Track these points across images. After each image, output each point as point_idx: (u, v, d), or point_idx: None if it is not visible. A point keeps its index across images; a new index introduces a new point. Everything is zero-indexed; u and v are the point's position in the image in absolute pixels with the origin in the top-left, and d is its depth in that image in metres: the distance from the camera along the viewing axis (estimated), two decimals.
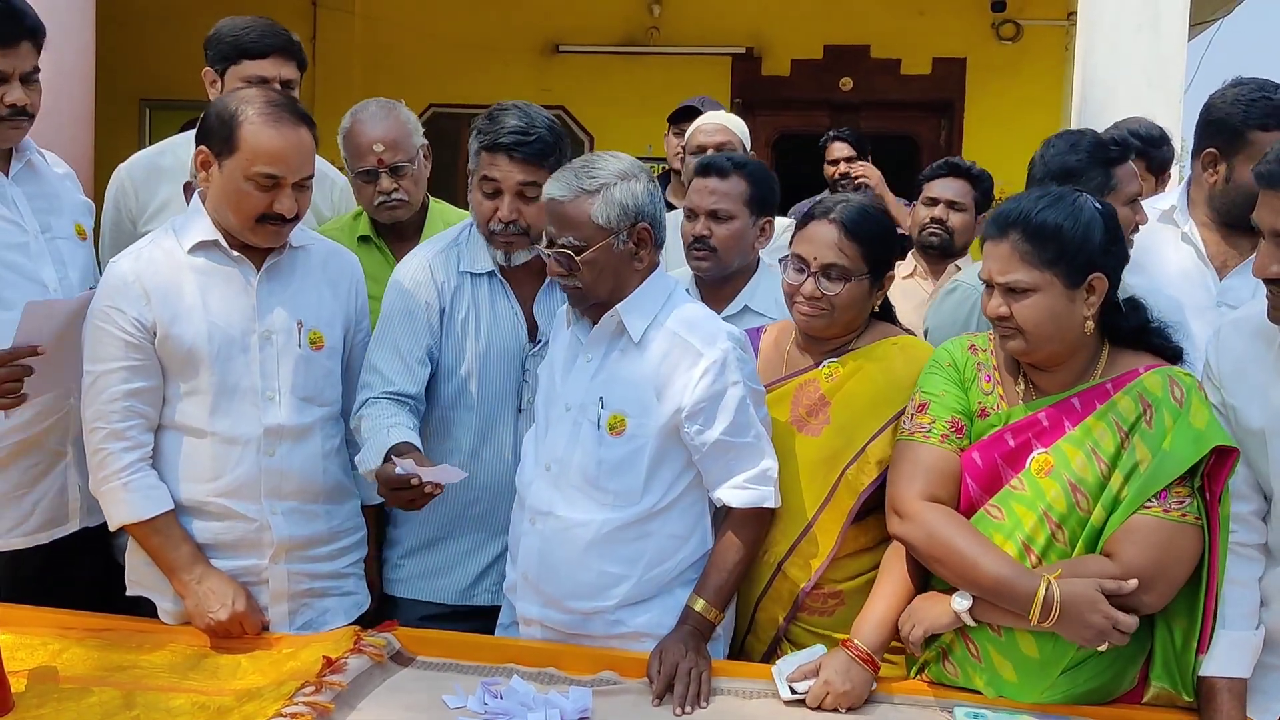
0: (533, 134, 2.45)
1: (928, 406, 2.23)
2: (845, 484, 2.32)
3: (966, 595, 2.09)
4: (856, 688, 2.10)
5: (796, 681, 2.12)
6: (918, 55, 7.51)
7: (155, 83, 7.49)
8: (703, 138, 3.75)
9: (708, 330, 2.27)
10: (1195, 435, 2.03)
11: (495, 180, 2.47)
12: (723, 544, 2.29)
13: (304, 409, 2.43)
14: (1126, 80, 4.45)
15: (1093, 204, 2.12)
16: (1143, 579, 2.00)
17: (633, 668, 2.19)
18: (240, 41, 2.98)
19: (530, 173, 2.45)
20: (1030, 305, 2.08)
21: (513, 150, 2.44)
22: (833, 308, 2.33)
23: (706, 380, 2.22)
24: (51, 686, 2.13)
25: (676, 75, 7.22)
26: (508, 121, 2.46)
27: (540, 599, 2.30)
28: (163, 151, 3.14)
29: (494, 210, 2.48)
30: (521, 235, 2.49)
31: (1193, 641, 2.07)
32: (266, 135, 2.29)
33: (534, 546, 2.29)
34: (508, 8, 7.58)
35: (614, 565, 2.25)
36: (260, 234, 2.35)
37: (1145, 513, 2.03)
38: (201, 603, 2.30)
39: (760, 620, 2.40)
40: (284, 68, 2.98)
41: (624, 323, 2.27)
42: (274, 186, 2.30)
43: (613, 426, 2.24)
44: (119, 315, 2.32)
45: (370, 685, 2.13)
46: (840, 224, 2.33)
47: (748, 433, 2.25)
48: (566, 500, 2.27)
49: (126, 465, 2.32)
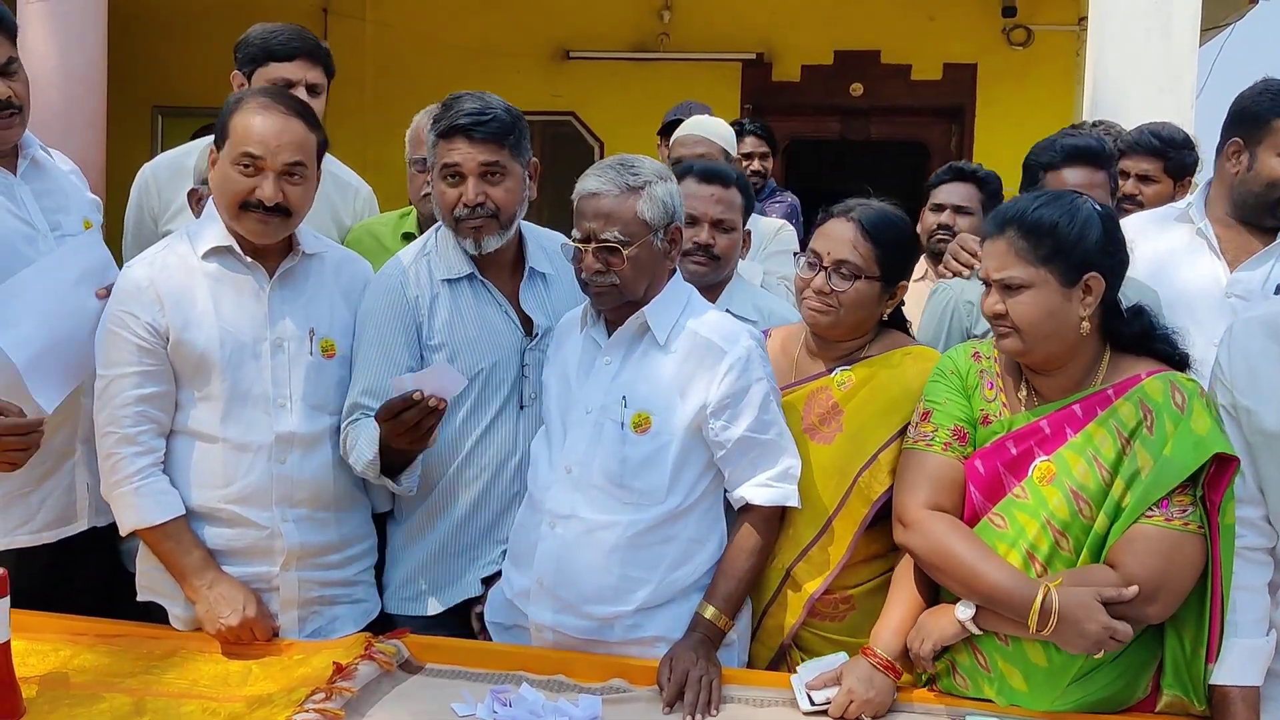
0: (489, 114, 2.42)
1: (931, 415, 2.24)
2: (858, 491, 2.32)
3: (969, 604, 2.08)
4: (880, 695, 2.10)
5: (816, 690, 2.11)
6: (928, 60, 7.49)
7: (167, 89, 7.52)
8: (682, 150, 3.73)
9: (730, 329, 2.30)
10: (1196, 441, 2.02)
11: (456, 164, 2.42)
12: (733, 551, 2.29)
13: (315, 417, 2.43)
14: (1138, 85, 4.44)
15: (1091, 205, 2.13)
16: (1146, 589, 2.00)
17: (643, 675, 2.18)
18: (269, 44, 3.04)
19: (491, 152, 2.42)
20: (1025, 302, 2.08)
21: (471, 131, 2.41)
22: (840, 305, 2.33)
23: (731, 376, 2.24)
24: (62, 692, 2.14)
25: (686, 81, 7.21)
26: (463, 105, 2.43)
27: (555, 605, 2.28)
28: (189, 152, 3.17)
29: (458, 197, 2.43)
30: (490, 219, 2.44)
31: (1201, 649, 2.06)
32: (253, 120, 2.31)
33: (552, 551, 2.27)
34: (518, 14, 7.59)
35: (637, 569, 2.24)
36: (245, 223, 2.34)
37: (1147, 522, 2.02)
38: (212, 608, 2.30)
39: (767, 627, 2.39)
40: (310, 71, 3.02)
41: (650, 324, 2.28)
42: (255, 171, 2.30)
43: (637, 424, 2.24)
44: (132, 320, 2.33)
45: (379, 692, 2.13)
46: (858, 223, 2.34)
47: (770, 429, 2.27)
48: (589, 501, 2.26)
49: (138, 470, 2.33)
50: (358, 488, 2.55)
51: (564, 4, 7.57)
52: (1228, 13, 7.21)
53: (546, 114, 7.49)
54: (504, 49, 7.56)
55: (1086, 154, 2.85)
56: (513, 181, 2.47)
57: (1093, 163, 2.85)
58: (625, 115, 7.27)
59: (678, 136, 3.84)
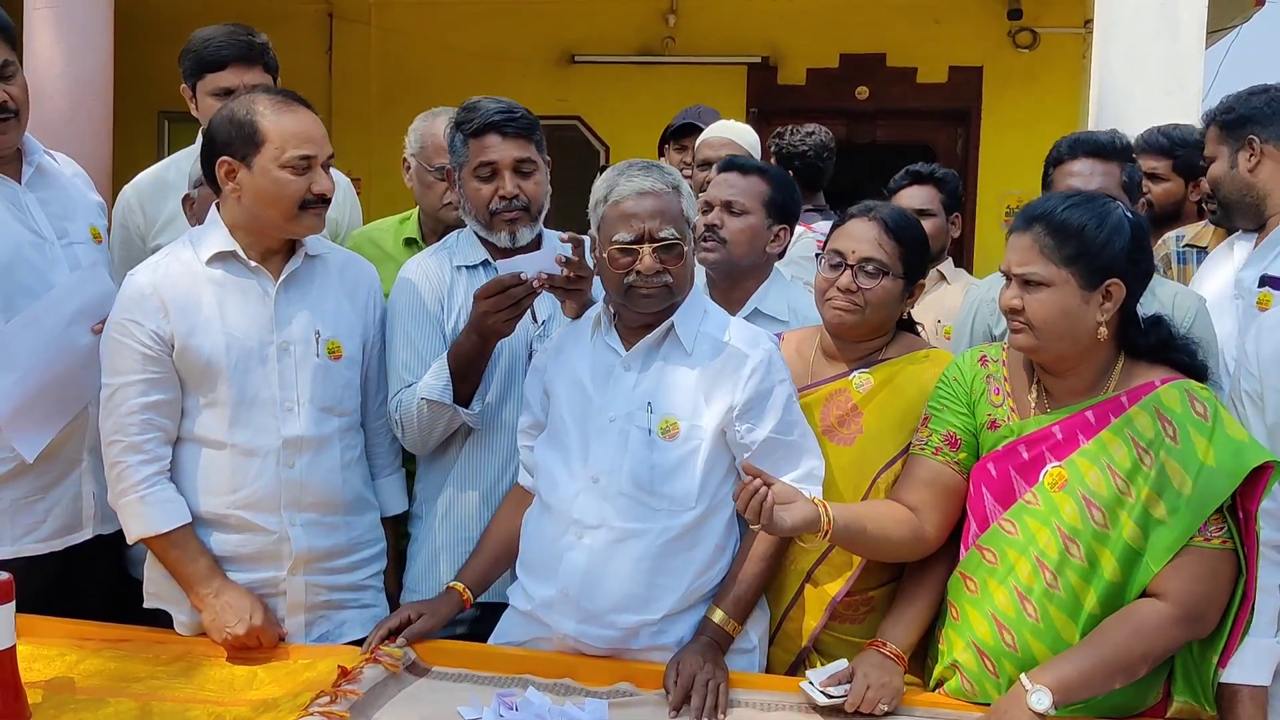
0: (517, 111, 2.55)
1: (929, 420, 2.27)
2: (876, 492, 2.33)
3: (1045, 694, 1.98)
4: (895, 679, 2.12)
5: (830, 687, 2.11)
6: (934, 64, 7.48)
7: (173, 96, 7.45)
8: (708, 152, 3.77)
9: (748, 334, 2.33)
10: (1237, 449, 2.01)
11: (492, 161, 2.52)
12: (743, 556, 2.29)
13: (323, 419, 2.43)
14: (1144, 88, 4.42)
15: (1123, 212, 2.11)
16: (1194, 612, 2.01)
17: (650, 679, 2.18)
18: (201, 55, 2.96)
19: (522, 148, 2.53)
20: (1042, 300, 2.08)
21: (504, 127, 2.51)
22: (866, 304, 2.34)
23: (756, 378, 2.25)
24: (68, 697, 2.13)
25: (692, 85, 7.21)
26: (489, 105, 2.54)
27: (579, 615, 2.25)
28: (167, 167, 3.16)
29: (494, 191, 2.53)
30: (523, 211, 2.54)
31: (1211, 654, 2.05)
32: (290, 119, 2.32)
33: (580, 562, 2.24)
34: (523, 19, 7.59)
35: (666, 576, 2.23)
36: (305, 221, 2.36)
37: (1189, 543, 2.01)
38: (219, 617, 2.30)
39: (787, 631, 2.39)
40: (246, 74, 2.93)
41: (677, 331, 2.29)
42: (308, 168, 2.32)
43: (665, 431, 2.24)
44: (136, 328, 2.32)
45: (385, 695, 2.13)
46: (881, 221, 2.36)
47: (794, 430, 2.29)
48: (618, 510, 2.24)
49: (144, 478, 2.33)
50: (367, 491, 2.55)
51: (569, 8, 7.58)
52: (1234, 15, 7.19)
53: (552, 118, 7.47)
54: (509, 53, 7.57)
55: (1090, 145, 2.86)
56: (541, 175, 2.59)
57: (1097, 154, 2.85)
58: (631, 119, 7.27)
59: (705, 138, 3.87)
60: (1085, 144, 2.85)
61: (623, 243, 2.23)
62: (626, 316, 2.32)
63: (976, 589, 2.17)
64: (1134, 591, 2.05)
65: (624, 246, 2.23)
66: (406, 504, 2.67)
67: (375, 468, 2.60)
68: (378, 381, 2.58)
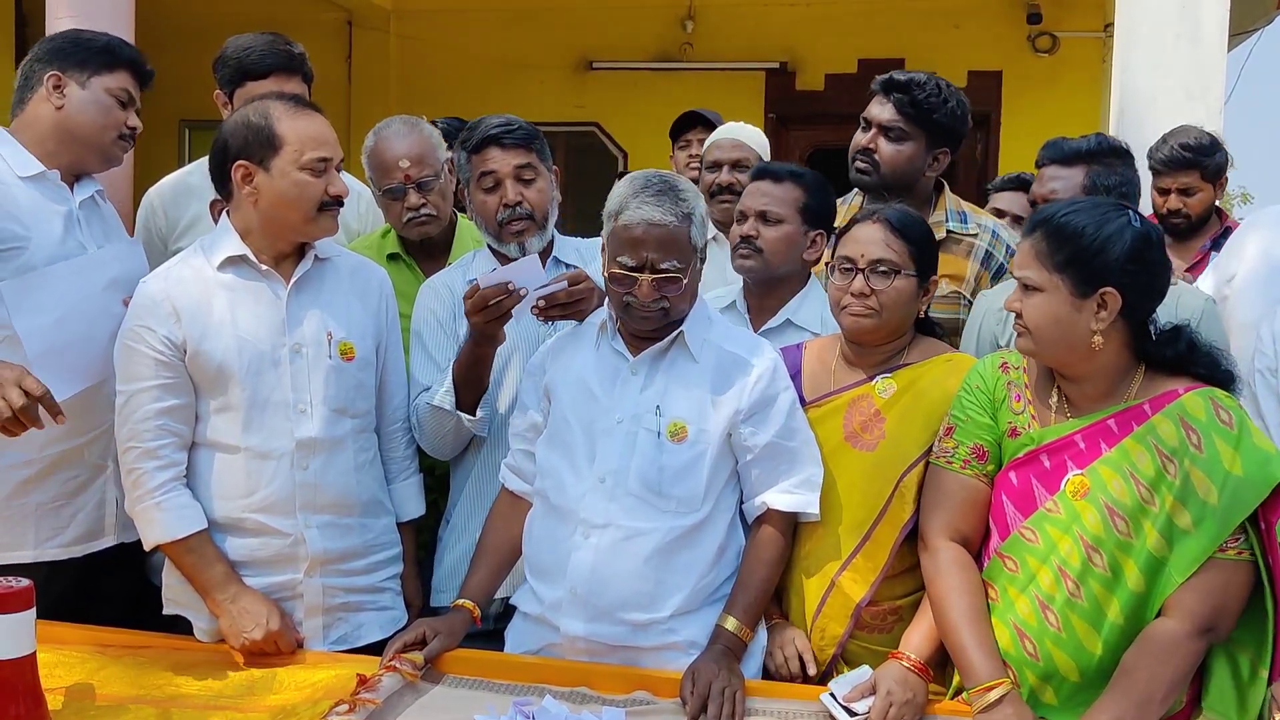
0: (514, 124, 2.68)
1: (954, 431, 2.25)
2: (900, 495, 2.32)
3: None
4: (918, 695, 2.10)
5: (853, 702, 2.09)
6: (953, 68, 7.44)
7: (194, 103, 7.50)
8: (718, 154, 3.75)
9: (752, 342, 2.40)
10: (1265, 459, 1.99)
11: (493, 172, 2.64)
12: (752, 562, 2.31)
13: (336, 421, 2.44)
14: (1165, 91, 4.40)
15: (1128, 220, 2.05)
16: (1205, 623, 1.99)
17: (666, 688, 2.17)
18: (243, 63, 3.04)
19: (522, 156, 2.65)
20: (1036, 305, 2.07)
21: (501, 139, 2.65)
22: (881, 306, 2.33)
23: (761, 384, 2.30)
24: (88, 704, 2.14)
25: (710, 91, 7.21)
26: (488, 121, 2.68)
27: (588, 614, 2.27)
28: (191, 171, 3.19)
29: (499, 200, 2.64)
30: (529, 220, 2.66)
31: (1263, 670, 2.02)
32: (305, 123, 2.36)
33: (586, 560, 2.27)
34: (541, 25, 7.62)
35: (672, 574, 2.26)
36: (322, 223, 2.40)
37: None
38: (236, 622, 2.30)
39: (813, 641, 2.37)
40: (287, 84, 3.00)
41: (686, 339, 2.31)
42: (325, 170, 2.37)
43: (674, 433, 2.27)
44: (149, 334, 2.34)
45: (402, 704, 2.13)
46: (886, 222, 2.37)
47: (796, 436, 2.32)
48: (626, 510, 2.26)
49: (160, 484, 2.33)
50: (381, 494, 2.56)
51: (587, 15, 7.60)
52: (1256, 18, 7.15)
53: (570, 125, 7.51)
54: (527, 60, 7.60)
55: (1053, 151, 2.91)
56: (543, 183, 2.69)
57: (1059, 160, 2.90)
58: (649, 125, 7.26)
59: (714, 140, 3.85)
60: (1049, 150, 2.94)
61: (625, 267, 2.25)
62: (629, 325, 2.35)
63: (998, 597, 2.15)
64: (1157, 601, 2.03)
65: (625, 271, 2.25)
66: (423, 508, 2.68)
67: (390, 472, 2.61)
68: (391, 386, 2.60)
